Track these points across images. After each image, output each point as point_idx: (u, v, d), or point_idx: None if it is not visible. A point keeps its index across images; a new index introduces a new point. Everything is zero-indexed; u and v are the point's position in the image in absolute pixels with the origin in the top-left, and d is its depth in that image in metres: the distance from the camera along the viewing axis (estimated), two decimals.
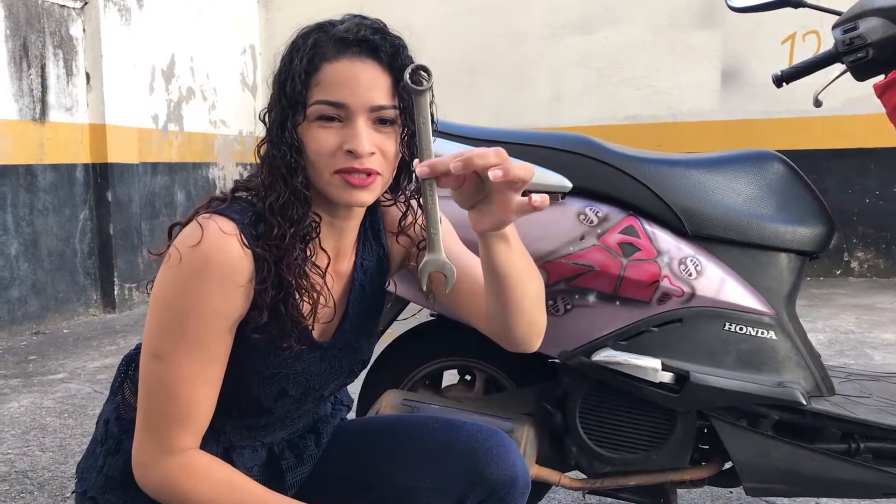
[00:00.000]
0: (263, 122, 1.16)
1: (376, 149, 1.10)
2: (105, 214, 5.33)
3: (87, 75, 5.24)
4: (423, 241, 1.26)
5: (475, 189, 1.01)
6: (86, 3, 5.19)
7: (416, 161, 0.99)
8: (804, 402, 1.59)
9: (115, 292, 5.38)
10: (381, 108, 1.10)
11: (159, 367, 1.10)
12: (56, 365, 3.97)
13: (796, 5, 1.95)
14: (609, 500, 2.13)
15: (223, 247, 1.09)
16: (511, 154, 1.63)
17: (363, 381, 1.92)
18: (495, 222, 1.03)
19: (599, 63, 6.87)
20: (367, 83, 1.10)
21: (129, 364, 1.32)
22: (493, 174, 0.96)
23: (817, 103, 1.97)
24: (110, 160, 5.32)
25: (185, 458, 1.12)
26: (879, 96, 1.83)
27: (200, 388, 1.11)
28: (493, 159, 0.97)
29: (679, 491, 2.21)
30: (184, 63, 6.31)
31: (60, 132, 5.02)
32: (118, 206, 5.38)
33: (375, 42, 1.11)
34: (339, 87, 1.09)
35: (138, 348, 1.32)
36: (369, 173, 1.10)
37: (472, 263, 1.24)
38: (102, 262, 5.35)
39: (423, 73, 0.97)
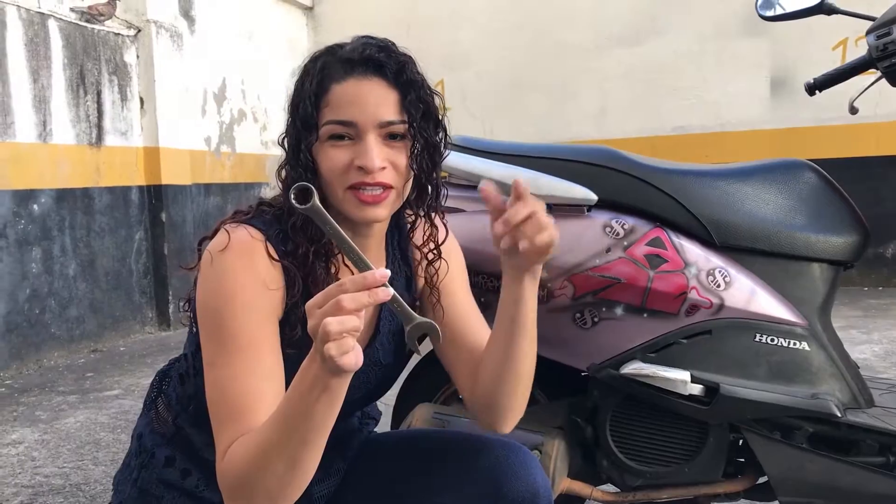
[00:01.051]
0: (282, 146, 1.20)
1: (387, 163, 1.14)
2: (159, 235, 5.48)
3: (141, 100, 5.41)
4: (431, 253, 1.31)
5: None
6: (139, 31, 5.36)
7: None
8: (838, 414, 1.56)
9: (170, 310, 5.51)
10: (390, 123, 1.14)
11: (214, 373, 1.11)
12: (112, 382, 4.08)
13: (829, 12, 1.92)
14: None
15: (251, 246, 1.13)
16: (538, 168, 1.66)
17: (397, 394, 1.95)
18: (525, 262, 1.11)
19: (646, 74, 6.83)
20: (375, 100, 1.13)
21: (163, 379, 1.36)
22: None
23: (853, 110, 1.95)
24: (164, 182, 5.48)
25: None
26: None
27: (257, 382, 1.08)
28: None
29: None
30: (235, 86, 6.46)
31: (116, 156, 5.19)
32: (172, 226, 5.53)
33: (380, 60, 1.15)
34: (347, 106, 1.13)
35: (171, 364, 1.37)
36: (382, 187, 1.13)
37: (479, 328, 1.30)
38: (157, 282, 5.50)
39: (306, 192, 0.95)
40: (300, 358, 1.15)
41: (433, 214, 1.30)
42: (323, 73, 1.15)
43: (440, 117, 1.22)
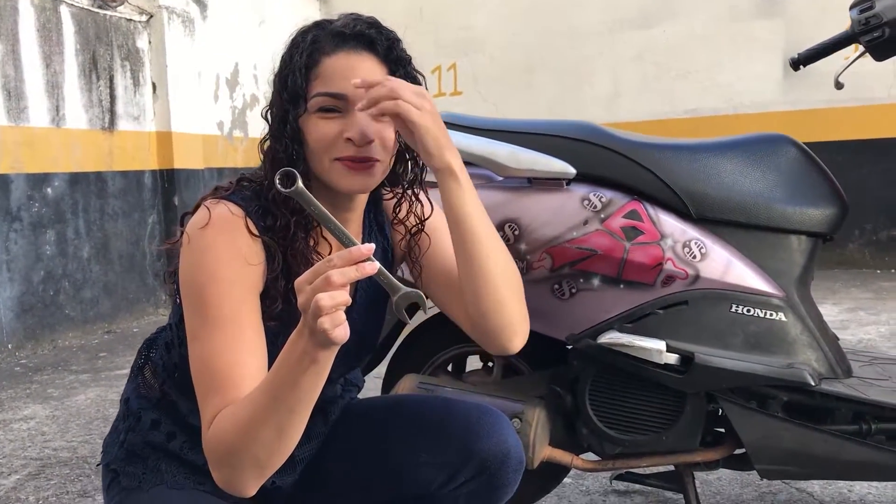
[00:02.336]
0: (266, 119, 1.23)
1: (375, 137, 1.17)
2: (172, 219, 5.55)
3: (154, 85, 5.47)
4: (414, 227, 1.34)
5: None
6: (151, 17, 5.42)
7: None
8: (812, 383, 1.58)
9: None
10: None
11: (197, 347, 1.14)
12: (123, 361, 4.16)
13: None
14: (637, 486, 2.16)
15: (231, 222, 1.16)
16: (519, 143, 1.69)
17: (387, 365, 1.99)
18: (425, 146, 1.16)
19: (658, 57, 6.81)
20: (365, 74, 1.16)
21: (150, 347, 1.40)
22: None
23: (838, 86, 1.96)
24: (176, 166, 5.55)
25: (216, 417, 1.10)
26: None
27: (239, 355, 1.11)
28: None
29: (709, 477, 2.22)
30: (247, 71, 6.52)
31: (128, 140, 5.26)
32: (185, 210, 5.58)
33: (371, 36, 1.18)
34: (338, 79, 1.16)
35: (159, 331, 1.41)
36: (369, 160, 1.17)
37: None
38: (170, 264, 5.56)
39: (288, 177, 0.99)
40: (281, 330, 1.19)
41: (418, 190, 1.33)
42: (313, 45, 1.18)
43: None
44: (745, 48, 6.53)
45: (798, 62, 1.92)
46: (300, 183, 0.98)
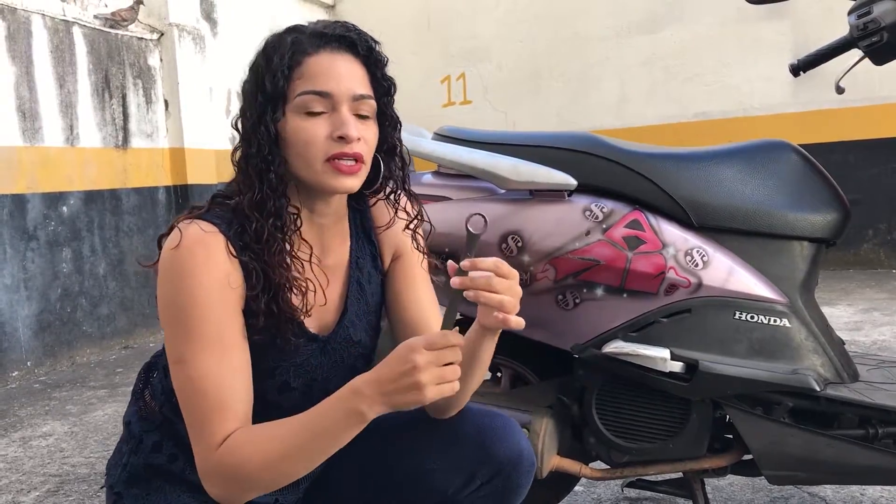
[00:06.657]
0: (236, 128, 1.23)
1: (361, 136, 1.19)
2: None
3: (166, 102, 5.53)
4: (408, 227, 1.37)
5: None
6: (162, 35, 5.48)
7: (451, 270, 1.08)
8: (817, 389, 1.59)
9: None
10: (362, 97, 1.19)
11: (183, 370, 1.14)
12: None
13: None
14: (649, 493, 2.17)
15: (204, 242, 1.15)
16: (520, 156, 1.71)
17: None
18: (495, 325, 1.14)
19: (666, 61, 6.81)
20: (349, 73, 1.18)
21: (150, 371, 1.40)
22: (497, 317, 1.09)
23: (839, 90, 1.96)
24: (190, 182, 5.60)
25: (227, 441, 1.12)
26: None
27: (227, 376, 1.12)
28: (508, 306, 1.09)
29: (721, 483, 2.23)
30: None
31: (142, 157, 5.32)
32: None
33: (352, 37, 1.20)
34: (323, 78, 1.17)
35: (156, 356, 1.42)
36: (356, 158, 1.18)
37: (434, 327, 1.35)
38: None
39: (482, 219, 1.07)
40: (269, 342, 1.21)
41: (401, 193, 1.34)
42: (295, 46, 1.18)
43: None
44: (753, 50, 6.52)
45: (798, 68, 1.93)
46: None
